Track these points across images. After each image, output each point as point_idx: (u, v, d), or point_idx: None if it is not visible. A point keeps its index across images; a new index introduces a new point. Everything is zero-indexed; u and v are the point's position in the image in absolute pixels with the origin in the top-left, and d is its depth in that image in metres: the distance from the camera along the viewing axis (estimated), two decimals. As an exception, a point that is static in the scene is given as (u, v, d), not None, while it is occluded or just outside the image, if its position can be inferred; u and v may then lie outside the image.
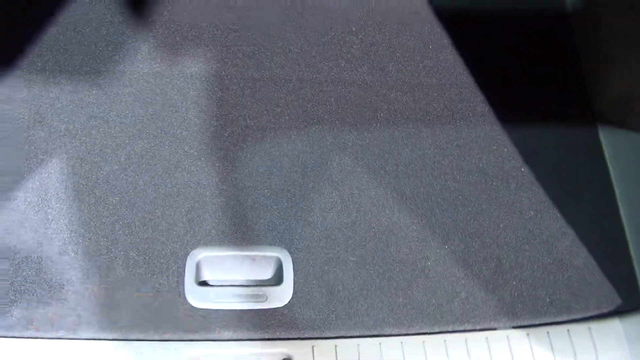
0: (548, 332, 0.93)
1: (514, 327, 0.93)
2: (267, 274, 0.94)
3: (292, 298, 0.91)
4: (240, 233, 0.95)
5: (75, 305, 0.88)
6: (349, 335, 0.90)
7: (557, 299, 0.96)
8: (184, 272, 0.91)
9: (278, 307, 0.90)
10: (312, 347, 0.88)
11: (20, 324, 0.86)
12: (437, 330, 0.92)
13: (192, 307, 0.89)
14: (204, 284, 0.92)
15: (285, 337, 0.89)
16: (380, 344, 0.90)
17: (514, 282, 0.96)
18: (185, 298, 0.89)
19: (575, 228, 1.01)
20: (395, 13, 1.18)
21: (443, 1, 1.21)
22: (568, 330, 0.93)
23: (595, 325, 0.93)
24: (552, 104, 1.12)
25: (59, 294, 0.88)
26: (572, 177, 1.06)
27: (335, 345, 0.89)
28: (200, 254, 0.92)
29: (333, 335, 0.90)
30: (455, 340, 0.91)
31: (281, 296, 0.91)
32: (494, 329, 0.93)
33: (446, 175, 1.03)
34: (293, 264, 0.93)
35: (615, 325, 0.94)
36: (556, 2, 1.23)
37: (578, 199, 1.04)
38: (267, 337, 0.89)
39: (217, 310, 0.89)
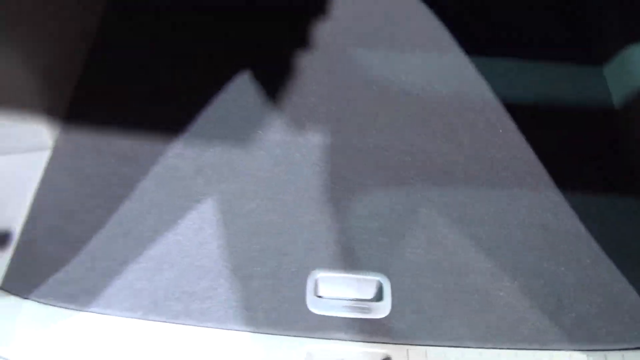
0: (605, 356, 1.11)
1: (575, 350, 1.12)
2: (370, 293, 1.18)
3: (390, 312, 1.14)
4: (349, 260, 1.21)
5: (223, 304, 1.14)
6: (436, 344, 1.12)
7: (613, 330, 1.14)
8: (306, 287, 1.16)
9: (379, 318, 1.14)
10: (407, 350, 1.10)
11: (181, 314, 1.12)
12: (509, 347, 1.12)
13: (312, 313, 1.13)
14: (320, 297, 1.17)
15: (385, 341, 1.11)
16: (462, 353, 1.11)
17: (573, 314, 1.16)
18: (306, 306, 1.14)
19: (626, 274, 1.21)
20: (471, 102, 1.49)
21: (507, 93, 1.51)
22: (623, 355, 1.11)
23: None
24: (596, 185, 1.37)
25: (212, 293, 1.15)
26: (622, 235, 1.28)
27: (426, 351, 1.10)
28: (318, 274, 1.18)
29: (423, 343, 1.11)
30: (525, 356, 1.11)
31: (381, 310, 1.14)
32: (559, 349, 1.12)
33: (512, 227, 1.27)
34: (391, 286, 1.17)
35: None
36: (602, 99, 1.52)
37: (628, 250, 1.25)
38: (370, 340, 1.11)
39: (331, 317, 1.13)
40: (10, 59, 1.24)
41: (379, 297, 1.17)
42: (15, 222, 1.22)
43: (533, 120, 1.46)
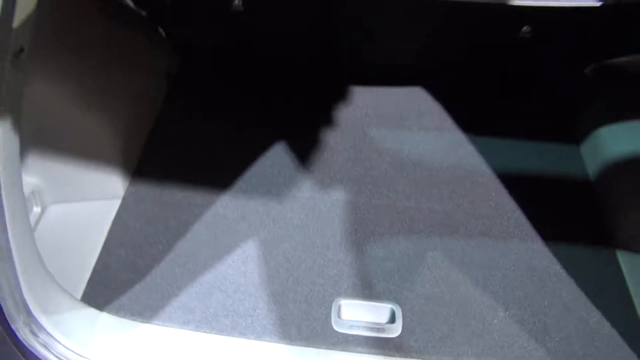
0: None
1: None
2: (385, 317, 1.41)
3: (401, 332, 1.37)
4: (367, 291, 1.45)
5: (262, 321, 1.37)
6: (441, 359, 1.33)
7: (591, 352, 1.36)
8: (331, 310, 1.40)
9: (392, 337, 1.36)
10: (416, 362, 1.32)
11: (227, 328, 1.36)
12: None
13: (336, 331, 1.36)
14: (343, 319, 1.40)
15: (397, 356, 1.33)
16: (462, 367, 1.32)
17: (557, 338, 1.38)
18: (332, 325, 1.37)
19: (600, 309, 1.44)
20: (467, 171, 1.78)
21: (498, 165, 1.80)
22: None
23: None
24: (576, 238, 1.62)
25: (254, 313, 1.39)
26: (596, 278, 1.52)
27: (432, 364, 1.32)
28: (341, 301, 1.42)
29: (430, 358, 1.33)
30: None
31: (394, 330, 1.37)
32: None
33: (504, 269, 1.52)
34: (402, 312, 1.41)
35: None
36: (579, 172, 1.81)
37: (601, 290, 1.48)
38: (384, 354, 1.33)
39: (352, 335, 1.36)
40: (96, 120, 1.57)
41: (392, 320, 1.40)
42: (93, 253, 1.49)
43: (520, 186, 1.75)
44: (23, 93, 1.15)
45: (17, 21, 1.06)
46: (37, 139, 1.46)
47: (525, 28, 1.81)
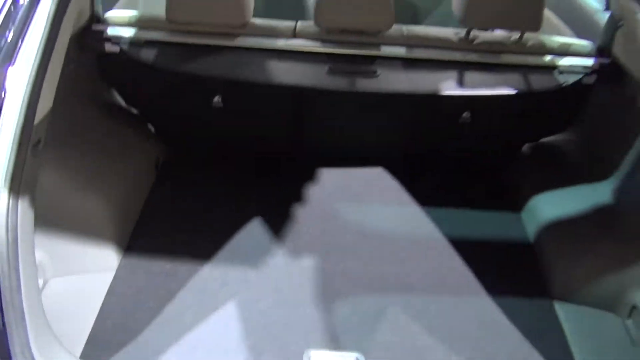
0: None
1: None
2: None
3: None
4: (335, 342, 1.64)
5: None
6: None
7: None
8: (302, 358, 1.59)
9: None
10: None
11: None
12: None
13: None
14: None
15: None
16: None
17: None
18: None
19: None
20: (424, 239, 2.02)
21: (451, 233, 2.05)
22: None
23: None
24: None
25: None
26: (535, 326, 1.73)
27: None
28: (311, 352, 1.60)
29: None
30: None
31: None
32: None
33: (458, 320, 1.73)
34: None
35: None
36: (520, 236, 2.06)
37: (538, 346, 1.69)
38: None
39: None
40: (93, 202, 1.81)
41: (357, 367, 1.59)
42: (90, 318, 1.67)
43: (469, 249, 1.99)
44: (38, 176, 1.39)
45: (37, 119, 1.32)
46: (42, 217, 1.69)
47: (465, 114, 2.11)
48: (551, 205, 2.07)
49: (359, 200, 2.20)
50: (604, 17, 2.03)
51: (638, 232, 1.76)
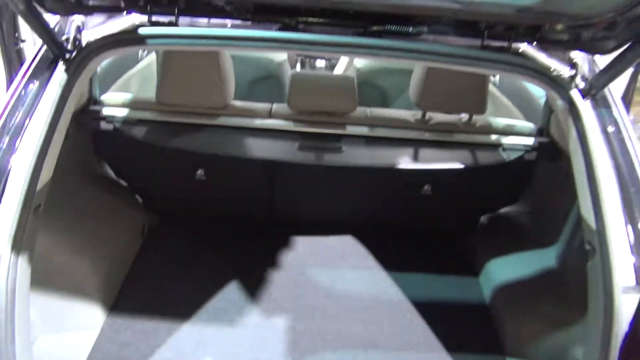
0: None
1: None
2: None
3: None
4: None
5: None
6: None
7: None
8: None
9: None
10: None
11: None
12: None
13: None
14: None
15: None
16: None
17: None
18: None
19: None
20: (388, 299, 2.19)
21: (413, 294, 2.22)
22: None
23: None
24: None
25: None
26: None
27: None
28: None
29: None
30: None
31: None
32: None
33: None
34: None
35: None
36: (478, 298, 2.23)
37: None
38: None
39: None
40: (82, 265, 1.97)
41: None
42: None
43: (430, 310, 2.16)
44: (36, 238, 1.57)
45: (39, 186, 1.52)
46: (34, 276, 1.84)
47: (426, 186, 2.33)
48: (505, 270, 2.26)
49: (328, 265, 2.38)
50: (542, 102, 2.31)
51: (578, 293, 1.94)
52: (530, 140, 2.24)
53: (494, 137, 2.26)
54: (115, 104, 2.23)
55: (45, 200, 1.61)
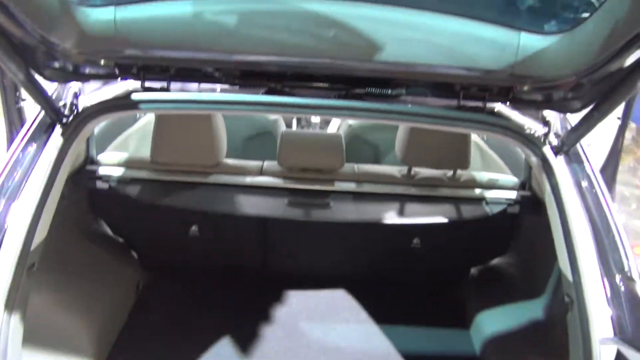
0: None
1: None
2: None
3: None
4: None
5: None
6: None
7: None
8: None
9: None
10: None
11: None
12: None
13: None
14: None
15: None
16: None
17: None
18: None
19: None
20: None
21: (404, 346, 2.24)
22: None
23: None
24: None
25: None
26: None
27: None
28: None
29: None
30: None
31: None
32: None
33: None
34: None
35: None
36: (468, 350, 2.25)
37: None
38: None
39: None
40: (75, 321, 2.00)
41: None
42: None
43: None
44: (29, 296, 1.61)
45: (33, 246, 1.57)
46: (26, 334, 1.87)
47: (415, 240, 2.38)
48: (494, 322, 2.28)
49: (321, 319, 2.40)
50: (525, 156, 2.39)
51: (562, 344, 1.96)
52: (513, 194, 2.30)
53: (478, 191, 2.33)
54: (110, 163, 2.31)
55: (40, 259, 1.66)
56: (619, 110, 3.07)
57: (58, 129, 1.64)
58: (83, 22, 1.39)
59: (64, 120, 1.64)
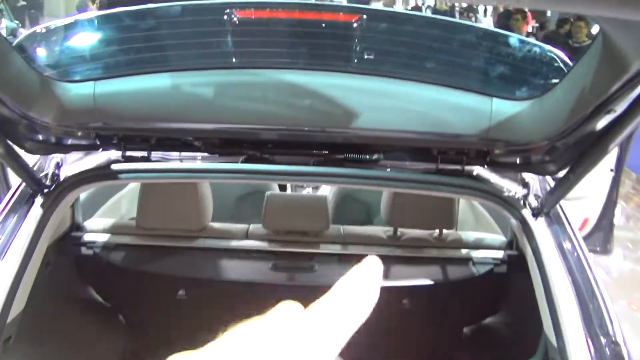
0: None
1: None
2: None
3: None
4: None
5: None
6: None
7: None
8: None
9: None
10: None
11: None
12: None
13: None
14: None
15: None
16: None
17: None
18: None
19: None
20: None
21: None
22: None
23: None
24: None
25: None
26: None
27: None
28: None
29: None
30: None
31: None
32: None
33: None
34: None
35: None
36: None
37: None
38: None
39: None
40: None
41: None
42: None
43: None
44: (6, 368, 1.58)
45: (9, 319, 1.55)
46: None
47: (405, 301, 2.35)
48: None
49: None
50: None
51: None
52: (499, 254, 2.28)
53: (464, 251, 2.31)
54: (96, 229, 2.30)
55: (17, 331, 1.64)
56: (612, 162, 3.11)
57: (39, 199, 1.65)
58: (63, 97, 1.42)
59: (45, 190, 1.65)
